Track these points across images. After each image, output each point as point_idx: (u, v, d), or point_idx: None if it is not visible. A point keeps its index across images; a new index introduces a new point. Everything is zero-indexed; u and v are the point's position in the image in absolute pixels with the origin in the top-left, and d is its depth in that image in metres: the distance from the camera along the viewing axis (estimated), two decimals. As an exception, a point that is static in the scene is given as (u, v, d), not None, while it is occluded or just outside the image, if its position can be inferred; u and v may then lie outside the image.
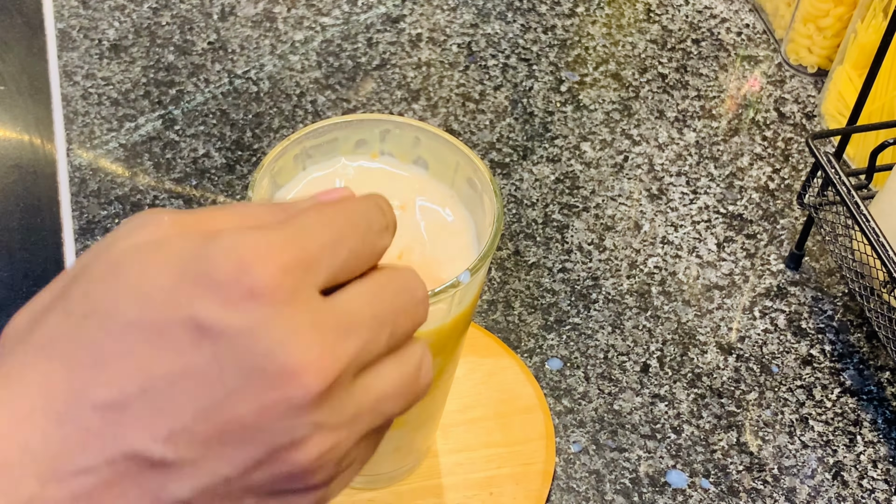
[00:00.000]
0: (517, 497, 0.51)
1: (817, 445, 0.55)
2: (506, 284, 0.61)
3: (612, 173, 0.68)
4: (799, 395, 0.57)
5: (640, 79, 0.74)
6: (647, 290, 0.62)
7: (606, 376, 0.57)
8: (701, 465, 0.54)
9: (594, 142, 0.70)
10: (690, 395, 0.57)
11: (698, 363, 0.58)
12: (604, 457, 0.54)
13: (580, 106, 0.72)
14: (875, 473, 0.55)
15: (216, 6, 0.77)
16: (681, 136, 0.71)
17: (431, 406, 0.48)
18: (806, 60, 0.75)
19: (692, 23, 0.79)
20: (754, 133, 0.71)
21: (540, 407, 0.55)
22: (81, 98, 0.70)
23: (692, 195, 0.67)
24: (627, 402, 0.56)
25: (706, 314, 0.61)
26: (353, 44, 0.75)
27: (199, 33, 0.75)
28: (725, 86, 0.75)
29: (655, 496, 0.53)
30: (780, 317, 0.61)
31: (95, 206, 0.64)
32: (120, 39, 0.74)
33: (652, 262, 0.63)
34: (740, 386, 0.58)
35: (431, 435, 0.52)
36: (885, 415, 0.57)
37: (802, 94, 0.74)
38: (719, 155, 0.70)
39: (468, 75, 0.74)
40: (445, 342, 0.42)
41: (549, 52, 0.76)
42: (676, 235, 0.65)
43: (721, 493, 0.53)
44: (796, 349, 0.59)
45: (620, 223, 0.65)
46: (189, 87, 0.71)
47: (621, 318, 0.60)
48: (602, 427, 0.55)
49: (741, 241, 0.65)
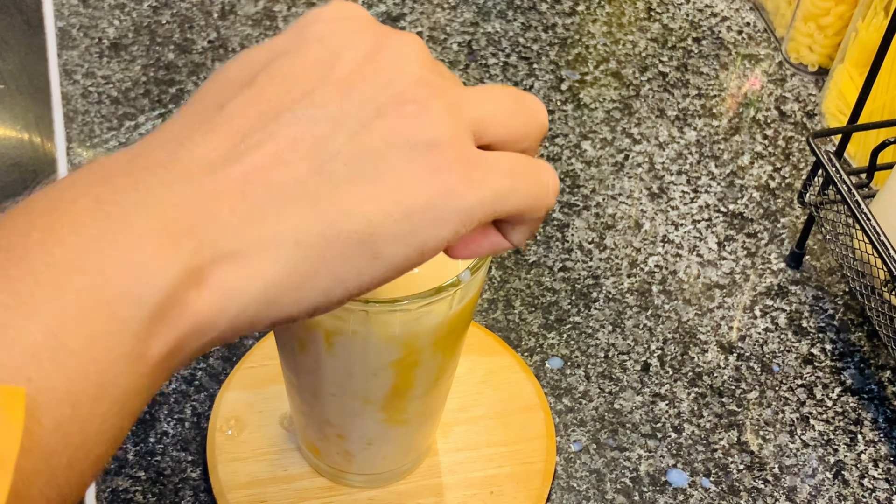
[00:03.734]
0: (517, 496, 0.51)
1: (818, 444, 0.55)
2: (506, 283, 0.61)
3: (613, 172, 0.68)
4: (800, 394, 0.57)
5: (641, 77, 0.74)
6: (648, 289, 0.62)
7: (607, 375, 0.57)
8: (701, 465, 0.54)
9: (595, 140, 0.70)
10: (691, 394, 0.57)
11: (699, 362, 0.58)
12: (604, 456, 0.54)
13: (580, 104, 0.72)
14: (876, 473, 0.54)
15: (216, 5, 0.77)
16: (681, 134, 0.71)
17: (431, 405, 0.48)
18: (807, 59, 0.75)
19: (693, 21, 0.79)
20: (755, 132, 0.71)
21: (540, 406, 0.55)
22: (81, 97, 0.70)
23: (693, 194, 0.67)
24: (628, 401, 0.56)
25: (707, 313, 0.61)
26: (353, 42, 0.75)
27: (199, 32, 0.75)
28: (726, 84, 0.75)
29: (656, 495, 0.53)
30: (780, 316, 0.61)
31: (95, 204, 0.63)
32: (120, 38, 0.74)
33: (652, 260, 0.63)
34: (741, 385, 0.57)
35: (432, 434, 0.52)
36: (886, 414, 0.57)
37: (803, 93, 0.74)
38: (720, 153, 0.70)
39: (469, 74, 0.73)
40: (446, 341, 0.42)
41: (549, 51, 0.76)
42: (677, 234, 0.65)
43: (722, 493, 0.53)
44: (797, 348, 0.59)
45: (621, 222, 0.65)
46: (189, 85, 0.71)
47: (622, 316, 0.60)
48: (602, 426, 0.55)
49: (742, 239, 0.65)
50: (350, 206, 0.28)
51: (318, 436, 0.49)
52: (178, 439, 0.53)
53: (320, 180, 0.28)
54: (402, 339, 0.40)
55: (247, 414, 0.53)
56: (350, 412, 0.45)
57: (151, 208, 0.27)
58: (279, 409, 0.53)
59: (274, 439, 0.52)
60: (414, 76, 0.30)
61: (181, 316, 0.27)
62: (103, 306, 0.26)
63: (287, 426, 0.53)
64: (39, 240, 0.26)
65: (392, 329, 0.39)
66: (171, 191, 0.27)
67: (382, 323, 0.39)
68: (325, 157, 0.29)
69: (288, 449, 0.52)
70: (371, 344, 0.40)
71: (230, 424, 0.53)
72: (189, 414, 0.54)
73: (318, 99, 0.29)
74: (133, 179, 0.28)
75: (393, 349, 0.40)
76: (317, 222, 0.28)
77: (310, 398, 0.46)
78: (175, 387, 0.55)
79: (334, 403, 0.45)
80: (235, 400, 0.54)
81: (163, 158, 0.28)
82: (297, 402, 0.47)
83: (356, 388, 0.43)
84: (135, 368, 0.26)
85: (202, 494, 0.51)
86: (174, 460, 0.52)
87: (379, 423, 0.46)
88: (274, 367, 0.54)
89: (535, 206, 0.31)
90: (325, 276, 0.29)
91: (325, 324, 0.39)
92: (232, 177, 0.28)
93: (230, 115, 0.29)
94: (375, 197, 0.29)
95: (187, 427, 0.54)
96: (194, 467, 0.52)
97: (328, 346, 0.40)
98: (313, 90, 0.29)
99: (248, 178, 0.28)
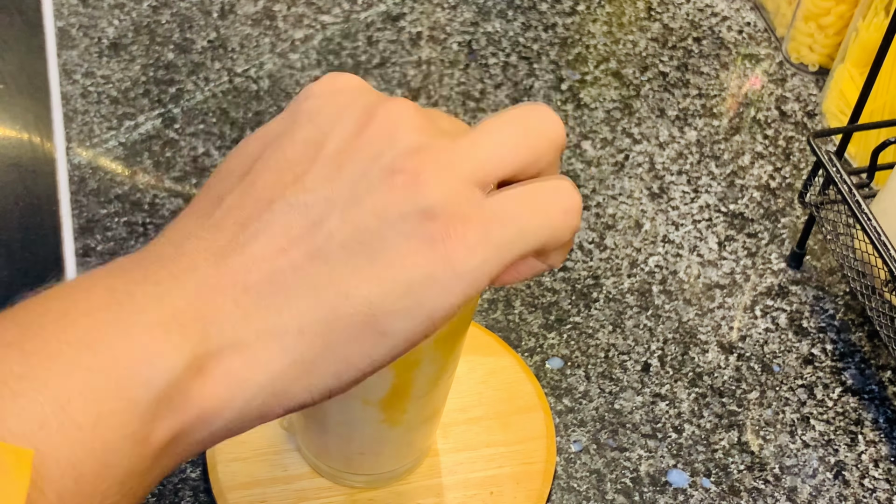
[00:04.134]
0: (518, 496, 0.51)
1: (818, 445, 0.55)
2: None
3: (613, 172, 0.68)
4: (800, 394, 0.57)
5: (641, 77, 0.74)
6: (648, 289, 0.61)
7: (607, 375, 0.57)
8: (702, 465, 0.54)
9: (595, 140, 0.70)
10: (691, 395, 0.57)
11: (699, 362, 0.58)
12: (604, 456, 0.54)
13: (581, 104, 0.72)
14: (876, 473, 0.54)
15: (216, 4, 0.77)
16: (682, 134, 0.71)
17: (432, 405, 0.48)
18: (807, 59, 0.75)
19: (693, 21, 0.79)
20: (755, 131, 0.71)
21: (540, 406, 0.55)
22: (81, 96, 0.70)
23: (693, 194, 0.67)
24: (628, 402, 0.56)
25: (707, 313, 0.61)
26: (353, 42, 0.75)
27: (198, 31, 0.75)
28: (726, 84, 0.74)
29: (656, 496, 0.53)
30: (781, 316, 0.61)
31: (95, 204, 0.63)
32: (119, 38, 0.74)
33: (653, 260, 0.63)
34: (741, 385, 0.57)
35: (432, 434, 0.52)
36: (887, 414, 0.57)
37: (804, 93, 0.74)
38: (720, 153, 0.70)
39: (469, 74, 0.73)
40: (446, 341, 0.42)
41: (549, 51, 0.75)
42: (677, 234, 0.65)
43: (722, 493, 0.53)
44: (797, 348, 0.59)
45: (621, 222, 0.65)
46: (189, 85, 0.71)
47: (622, 317, 0.60)
48: (603, 426, 0.55)
49: (742, 239, 0.65)
50: (348, 289, 0.28)
51: (318, 436, 0.49)
52: (177, 439, 0.53)
53: (318, 265, 0.29)
54: (402, 340, 0.40)
55: (246, 414, 0.53)
56: (350, 412, 0.45)
57: (160, 297, 0.28)
58: (279, 409, 0.53)
59: (274, 439, 0.52)
60: (403, 145, 0.29)
61: (186, 403, 0.28)
62: (111, 385, 0.27)
63: (287, 426, 0.53)
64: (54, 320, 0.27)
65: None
66: (178, 283, 0.28)
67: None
68: (320, 241, 0.29)
69: (288, 449, 0.52)
70: (371, 344, 0.40)
71: (230, 425, 0.53)
72: (189, 414, 0.54)
73: (309, 183, 0.29)
74: (143, 273, 0.29)
75: (393, 349, 0.40)
76: (317, 309, 0.28)
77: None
78: (175, 387, 0.55)
79: (334, 403, 0.45)
80: (235, 400, 0.54)
81: (170, 253, 0.29)
82: (297, 402, 0.47)
83: (356, 389, 0.43)
84: (138, 450, 0.27)
85: (202, 494, 0.51)
86: (174, 460, 0.52)
87: (379, 424, 0.46)
88: (274, 367, 0.54)
89: (554, 237, 0.31)
90: (333, 361, 0.29)
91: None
92: (233, 268, 0.29)
93: (229, 208, 0.30)
94: (373, 276, 0.29)
95: (187, 427, 0.54)
96: (194, 467, 0.52)
97: (328, 347, 0.40)
98: (304, 174, 0.29)
99: (249, 269, 0.29)
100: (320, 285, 0.29)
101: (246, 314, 0.28)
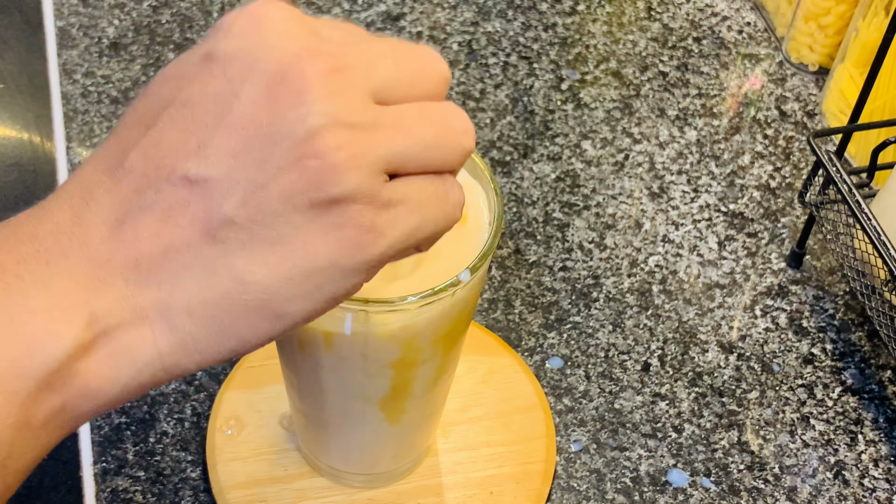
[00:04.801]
0: (518, 496, 0.51)
1: (818, 444, 0.55)
2: (506, 283, 0.61)
3: (613, 171, 0.68)
4: (800, 393, 0.57)
5: (641, 77, 0.74)
6: (648, 289, 0.61)
7: (607, 375, 0.57)
8: (702, 465, 0.54)
9: (595, 140, 0.70)
10: (691, 394, 0.57)
11: (699, 362, 0.58)
12: (604, 456, 0.54)
13: (581, 104, 0.72)
14: (876, 472, 0.54)
15: (216, 4, 0.77)
16: (682, 134, 0.71)
17: (431, 404, 0.48)
18: (807, 58, 0.75)
19: (693, 21, 0.79)
20: (755, 131, 0.71)
21: (540, 406, 0.55)
22: (81, 96, 0.70)
23: (693, 193, 0.67)
24: (628, 401, 0.56)
25: (707, 313, 0.61)
26: (353, 42, 0.75)
27: (198, 31, 0.75)
28: (726, 84, 0.74)
29: (656, 495, 0.53)
30: (781, 315, 0.61)
31: (95, 204, 0.63)
32: (120, 37, 0.74)
33: (653, 260, 0.63)
34: (741, 385, 0.57)
35: (431, 434, 0.52)
36: (887, 414, 0.57)
37: (804, 93, 0.74)
38: (720, 153, 0.70)
39: (468, 73, 0.73)
40: (445, 341, 0.42)
41: (549, 51, 0.75)
42: (677, 234, 0.65)
43: (722, 493, 0.53)
44: (797, 348, 0.59)
45: (621, 222, 0.65)
46: (189, 85, 0.71)
47: (622, 316, 0.60)
48: (603, 426, 0.55)
49: (742, 239, 0.65)
50: (244, 275, 0.28)
51: (318, 435, 0.49)
52: (177, 439, 0.53)
53: (214, 246, 0.28)
54: (401, 339, 0.40)
55: (246, 414, 0.53)
56: (350, 412, 0.45)
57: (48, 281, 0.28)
58: (279, 408, 0.53)
59: (274, 439, 0.52)
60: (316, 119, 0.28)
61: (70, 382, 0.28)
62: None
63: (287, 426, 0.53)
64: None
65: (391, 329, 0.39)
66: (69, 262, 0.28)
67: (382, 323, 0.39)
68: (217, 221, 0.28)
69: (288, 449, 0.52)
70: (370, 344, 0.40)
71: (230, 424, 0.53)
72: (189, 414, 0.54)
73: (211, 154, 0.28)
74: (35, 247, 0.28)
75: (392, 349, 0.40)
76: (209, 291, 0.28)
77: (309, 398, 0.46)
78: (175, 387, 0.55)
79: (334, 403, 0.45)
80: (235, 399, 0.54)
81: (67, 221, 0.29)
82: (297, 402, 0.47)
83: (356, 388, 0.43)
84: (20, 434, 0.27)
85: (202, 494, 0.51)
86: (174, 460, 0.52)
87: (379, 423, 0.46)
88: (274, 366, 0.54)
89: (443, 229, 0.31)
90: (224, 339, 0.29)
91: (325, 324, 0.39)
92: (126, 241, 0.28)
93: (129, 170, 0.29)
94: (272, 262, 0.28)
95: (187, 427, 0.54)
96: (194, 467, 0.52)
97: (328, 347, 0.40)
98: (208, 141, 0.28)
99: (141, 246, 0.28)
100: (215, 267, 0.28)
101: (135, 293, 0.28)
